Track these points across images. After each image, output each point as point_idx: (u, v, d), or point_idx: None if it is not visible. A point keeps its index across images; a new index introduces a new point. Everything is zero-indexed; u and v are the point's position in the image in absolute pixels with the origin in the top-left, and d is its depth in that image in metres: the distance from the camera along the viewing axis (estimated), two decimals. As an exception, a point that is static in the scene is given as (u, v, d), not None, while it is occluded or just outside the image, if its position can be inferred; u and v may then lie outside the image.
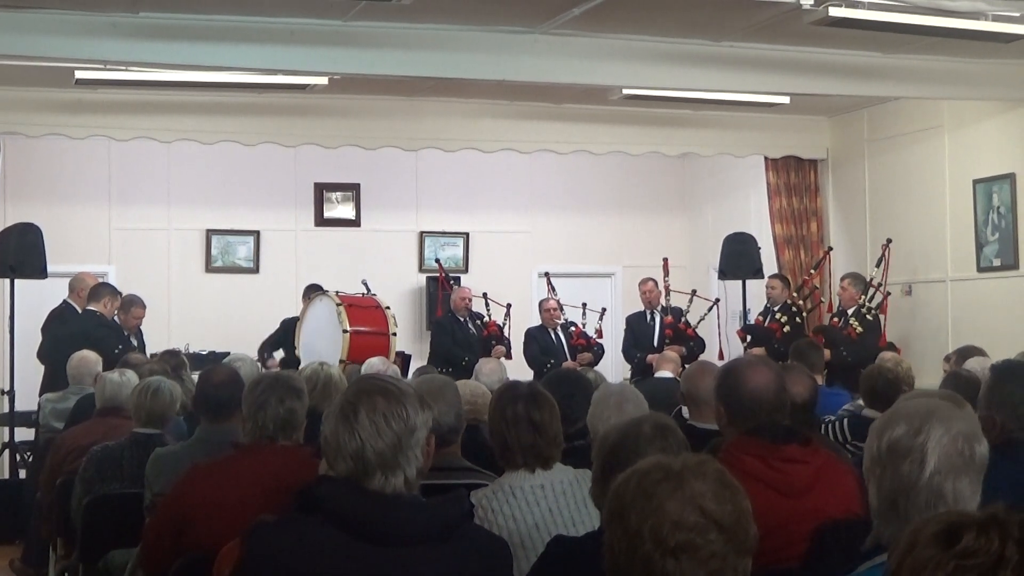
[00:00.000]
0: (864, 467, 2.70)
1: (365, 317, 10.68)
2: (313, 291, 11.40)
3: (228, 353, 11.53)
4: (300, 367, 8.11)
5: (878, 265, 11.26)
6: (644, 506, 2.19)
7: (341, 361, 10.10)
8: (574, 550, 3.20)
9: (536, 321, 12.09)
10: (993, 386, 4.36)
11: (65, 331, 9.99)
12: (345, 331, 10.41)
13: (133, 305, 10.73)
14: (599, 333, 12.01)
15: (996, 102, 10.69)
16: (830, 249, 12.18)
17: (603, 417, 4.77)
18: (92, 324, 10.04)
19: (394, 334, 10.77)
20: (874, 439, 2.68)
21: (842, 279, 11.31)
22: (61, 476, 6.30)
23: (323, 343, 10.52)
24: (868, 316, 10.89)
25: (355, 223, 13.55)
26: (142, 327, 10.89)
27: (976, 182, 10.86)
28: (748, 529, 2.23)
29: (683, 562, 2.15)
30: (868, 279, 11.14)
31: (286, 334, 11.32)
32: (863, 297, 10.97)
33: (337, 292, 10.91)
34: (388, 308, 10.97)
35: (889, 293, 11.11)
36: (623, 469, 2.36)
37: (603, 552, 2.27)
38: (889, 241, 11.29)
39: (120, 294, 10.62)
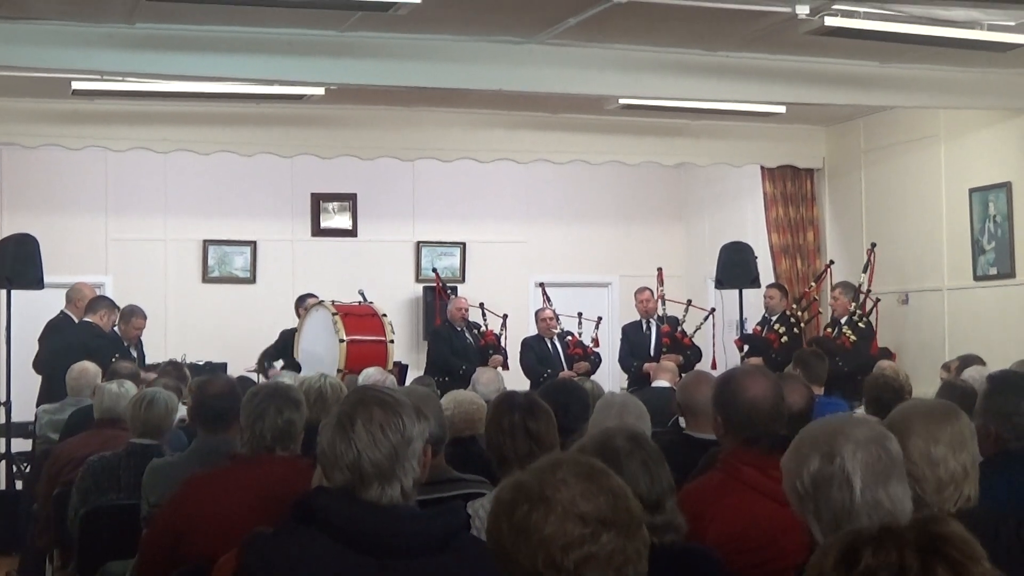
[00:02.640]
0: (794, 507, 2.70)
1: (362, 325, 10.67)
2: (305, 300, 11.41)
3: (226, 363, 11.58)
4: (300, 377, 8.10)
5: (865, 271, 11.28)
6: (527, 544, 2.12)
7: (339, 370, 10.09)
8: None
9: (533, 331, 12.10)
10: (987, 396, 4.37)
11: (62, 342, 9.97)
12: (342, 340, 10.40)
13: (134, 316, 10.73)
14: (595, 342, 12.01)
15: (992, 111, 10.70)
16: (831, 263, 12.14)
17: (604, 426, 4.76)
18: (89, 336, 10.03)
19: (391, 341, 10.76)
20: (792, 478, 2.67)
21: (833, 289, 11.32)
22: (58, 487, 6.29)
23: (321, 353, 10.51)
24: (860, 324, 10.90)
25: (352, 233, 13.56)
26: (141, 337, 10.90)
27: (972, 191, 10.88)
28: (628, 507, 2.16)
29: (589, 573, 2.10)
30: (857, 286, 11.16)
31: (285, 345, 11.31)
32: (854, 305, 10.99)
33: (333, 301, 10.90)
34: (385, 315, 10.96)
35: (879, 299, 11.11)
36: None
37: None
38: (874, 245, 11.32)
39: (117, 307, 10.61)
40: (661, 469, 3.34)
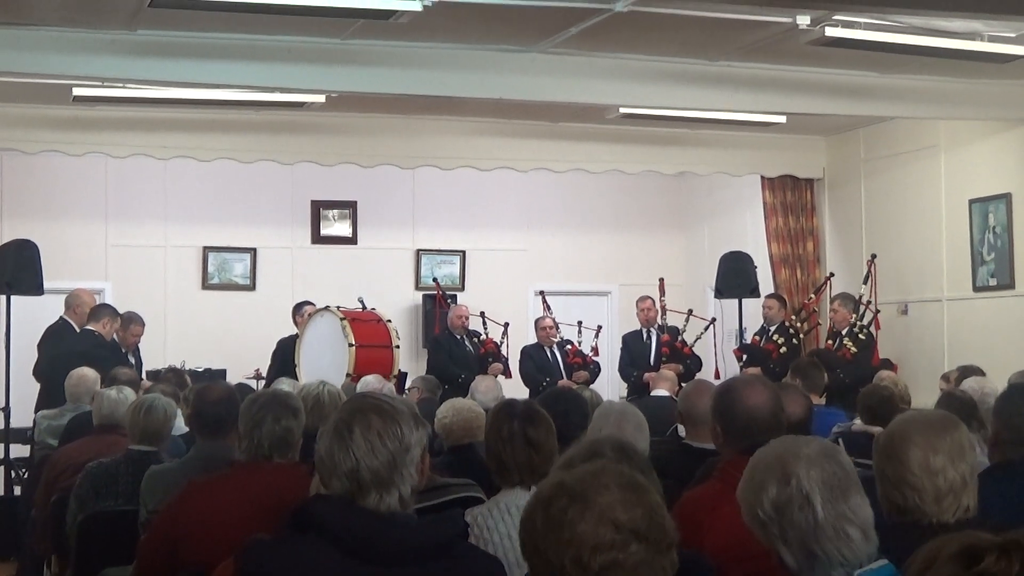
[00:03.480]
0: (758, 535, 2.70)
1: (369, 331, 10.71)
2: (302, 308, 11.40)
3: (225, 370, 11.58)
4: (299, 384, 8.10)
5: (865, 282, 11.28)
6: (558, 537, 2.15)
7: (348, 375, 10.11)
8: None
9: (532, 339, 12.09)
10: (999, 398, 4.46)
11: (62, 349, 9.97)
12: (351, 345, 10.43)
13: (132, 322, 10.73)
14: (595, 351, 12.01)
15: (992, 122, 10.71)
16: (831, 275, 12.13)
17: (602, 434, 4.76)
18: (90, 344, 10.01)
19: (397, 347, 10.80)
20: (753, 508, 2.68)
21: (832, 300, 11.32)
22: (56, 493, 6.28)
23: (327, 359, 10.50)
24: (861, 335, 10.89)
25: (351, 241, 13.56)
26: (139, 344, 10.90)
27: (972, 202, 10.88)
28: (663, 524, 2.19)
29: None
30: (857, 297, 11.16)
31: (284, 355, 11.28)
32: (854, 316, 10.98)
33: (339, 307, 10.92)
34: (389, 321, 10.99)
35: (879, 311, 11.10)
36: None
37: None
38: (874, 257, 11.33)
39: (119, 315, 10.60)
40: (649, 479, 3.34)
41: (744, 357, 11.44)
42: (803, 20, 7.99)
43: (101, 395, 6.92)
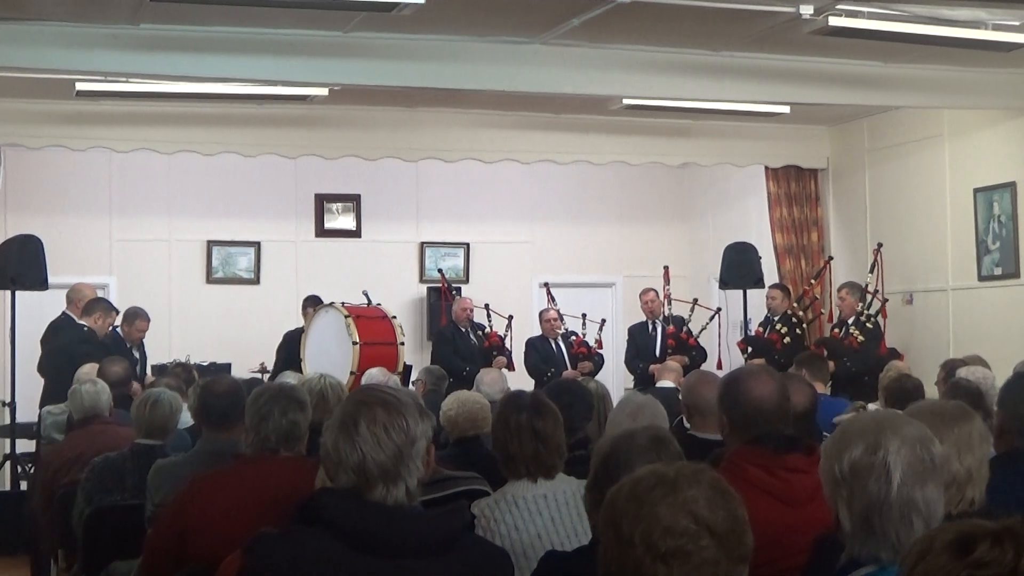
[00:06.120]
0: (826, 491, 2.69)
1: (373, 328, 10.68)
2: (312, 302, 11.40)
3: (230, 364, 11.58)
4: (301, 378, 8.09)
5: (871, 271, 11.28)
6: (636, 512, 2.17)
7: (352, 373, 10.09)
8: (566, 566, 3.20)
9: (537, 331, 12.09)
10: (1004, 387, 4.45)
11: (55, 343, 10.01)
12: (355, 343, 10.39)
13: (137, 318, 10.74)
14: (599, 343, 12.01)
15: (996, 111, 10.69)
16: (830, 259, 12.17)
17: (619, 426, 4.76)
18: (75, 338, 10.01)
19: (402, 343, 10.79)
20: (831, 462, 2.66)
21: (839, 289, 11.32)
22: (59, 489, 6.30)
23: (332, 355, 10.47)
24: (868, 324, 10.89)
25: (356, 234, 13.55)
26: (143, 339, 10.90)
27: (977, 191, 10.87)
28: (743, 537, 2.21)
29: (674, 568, 2.13)
30: (864, 286, 11.15)
31: (290, 348, 11.27)
32: (861, 305, 10.97)
33: (343, 303, 10.90)
34: (395, 318, 10.97)
35: (887, 299, 11.09)
36: (615, 479, 2.34)
37: (597, 560, 2.26)
38: (880, 245, 11.32)
39: (115, 310, 10.58)
40: None
41: (748, 349, 11.44)
42: (806, 10, 7.97)
43: (78, 391, 6.92)
